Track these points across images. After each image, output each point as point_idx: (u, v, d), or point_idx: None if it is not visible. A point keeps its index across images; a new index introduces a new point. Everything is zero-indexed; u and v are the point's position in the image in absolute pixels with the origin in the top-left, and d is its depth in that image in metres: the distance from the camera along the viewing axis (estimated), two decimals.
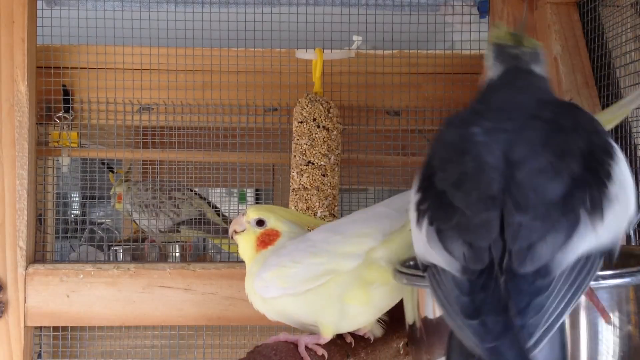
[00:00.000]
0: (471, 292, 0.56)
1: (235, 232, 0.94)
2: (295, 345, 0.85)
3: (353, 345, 0.91)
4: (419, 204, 0.65)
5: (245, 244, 0.94)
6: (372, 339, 0.94)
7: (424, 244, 0.62)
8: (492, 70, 0.75)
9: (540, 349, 0.53)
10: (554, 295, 0.55)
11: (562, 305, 0.55)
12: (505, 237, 0.57)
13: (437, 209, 0.62)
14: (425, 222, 0.63)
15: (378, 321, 0.92)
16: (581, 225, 0.57)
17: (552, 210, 0.58)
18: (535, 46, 0.75)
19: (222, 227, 1.62)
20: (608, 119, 0.84)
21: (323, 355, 0.85)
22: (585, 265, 0.57)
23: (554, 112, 0.66)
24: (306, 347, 0.84)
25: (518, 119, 0.66)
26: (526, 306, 0.54)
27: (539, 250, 0.56)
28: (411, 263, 0.79)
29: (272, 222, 0.92)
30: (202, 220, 1.61)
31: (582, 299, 0.62)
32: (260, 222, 0.92)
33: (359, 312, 0.85)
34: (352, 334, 0.92)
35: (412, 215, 0.66)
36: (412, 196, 0.68)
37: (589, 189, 0.59)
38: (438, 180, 0.64)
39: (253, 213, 0.93)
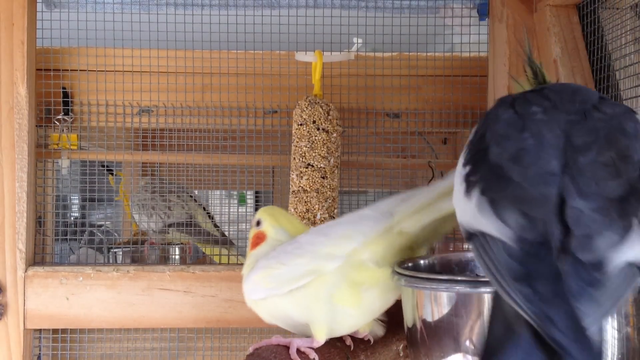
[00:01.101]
0: (523, 259, 0.55)
1: (252, 226, 0.97)
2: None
3: (352, 348, 0.91)
4: (469, 175, 0.64)
5: (249, 240, 0.97)
6: (372, 341, 0.94)
7: (472, 213, 0.61)
8: (530, 83, 0.74)
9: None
10: (607, 293, 0.54)
11: (609, 306, 0.54)
12: (566, 218, 0.56)
13: (490, 180, 0.61)
14: (476, 192, 0.62)
15: (380, 321, 0.92)
16: (633, 232, 0.56)
17: (612, 208, 0.57)
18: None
19: (211, 233, 1.62)
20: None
21: (315, 359, 0.84)
22: (631, 273, 0.56)
23: (615, 111, 0.65)
24: (298, 350, 0.84)
25: (580, 105, 0.64)
26: (580, 291, 0.53)
27: (598, 243, 0.55)
28: (409, 264, 0.79)
29: (265, 225, 0.94)
30: (191, 224, 1.62)
31: None
32: (258, 222, 0.95)
33: (351, 314, 0.85)
34: (351, 336, 0.92)
35: (460, 186, 0.65)
36: (459, 169, 0.67)
37: None
38: (493, 154, 0.63)
39: (258, 213, 0.96)
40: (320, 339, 0.84)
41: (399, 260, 0.81)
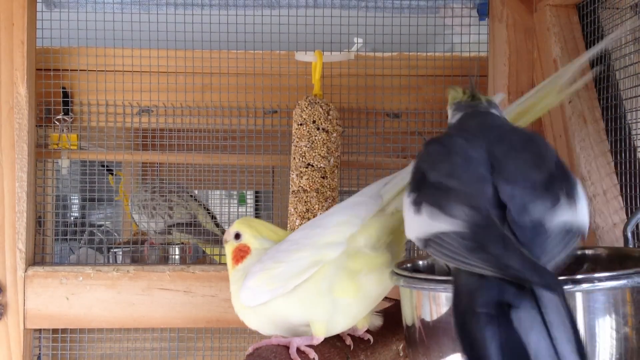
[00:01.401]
0: (474, 236, 0.63)
1: (226, 241, 0.95)
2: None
3: (352, 347, 0.91)
4: (415, 198, 0.72)
5: (227, 255, 0.95)
6: (371, 341, 0.94)
7: (425, 222, 0.68)
8: (453, 119, 0.83)
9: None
10: (552, 243, 0.63)
11: (556, 253, 0.63)
12: (502, 199, 0.65)
13: (434, 194, 0.69)
14: (425, 206, 0.69)
15: (376, 313, 0.92)
16: (561, 202, 0.66)
17: (538, 187, 0.66)
18: (489, 98, 0.85)
19: (213, 234, 1.62)
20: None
21: (314, 359, 0.83)
22: (569, 235, 0.65)
23: (526, 132, 0.77)
24: (298, 350, 0.83)
25: (495, 132, 0.75)
26: (528, 243, 0.62)
27: (533, 209, 0.64)
28: (408, 265, 0.79)
29: (246, 237, 0.92)
30: (194, 225, 1.62)
31: (579, 300, 0.62)
32: (237, 236, 0.93)
33: (351, 305, 0.84)
34: (351, 335, 0.92)
35: (409, 210, 0.72)
36: (405, 199, 0.74)
37: (564, 182, 0.68)
38: (430, 177, 0.71)
39: (235, 225, 0.94)
40: (320, 335, 0.84)
41: (398, 261, 0.81)
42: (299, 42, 1.40)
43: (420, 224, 0.69)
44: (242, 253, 0.92)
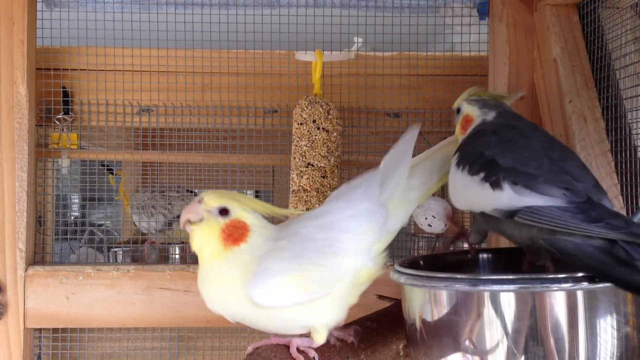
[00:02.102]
0: (584, 211, 0.74)
1: (190, 222, 0.81)
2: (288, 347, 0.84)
3: (356, 344, 0.91)
4: (487, 177, 0.82)
5: (204, 238, 0.81)
6: (356, 344, 0.92)
7: (510, 197, 0.78)
8: (483, 114, 0.96)
9: None
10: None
11: None
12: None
13: (514, 176, 0.80)
14: (506, 184, 0.79)
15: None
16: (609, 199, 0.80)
17: (599, 189, 0.80)
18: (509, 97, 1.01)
19: None
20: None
21: (314, 358, 0.83)
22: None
23: (562, 143, 0.91)
24: (297, 349, 0.83)
25: (541, 136, 0.89)
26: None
27: (606, 203, 0.78)
28: (408, 263, 0.79)
29: (237, 212, 0.80)
30: None
31: (580, 299, 0.62)
32: (223, 211, 0.80)
33: (344, 312, 0.85)
34: (340, 340, 0.91)
35: (480, 186, 0.82)
36: (466, 175, 0.85)
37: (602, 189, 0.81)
38: (503, 162, 0.82)
39: (213, 200, 0.80)
40: (321, 340, 0.83)
41: (400, 260, 0.81)
42: (299, 41, 1.40)
43: (501, 198, 0.79)
44: (240, 230, 0.80)
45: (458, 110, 1.03)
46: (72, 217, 2.12)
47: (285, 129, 1.43)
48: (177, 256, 1.74)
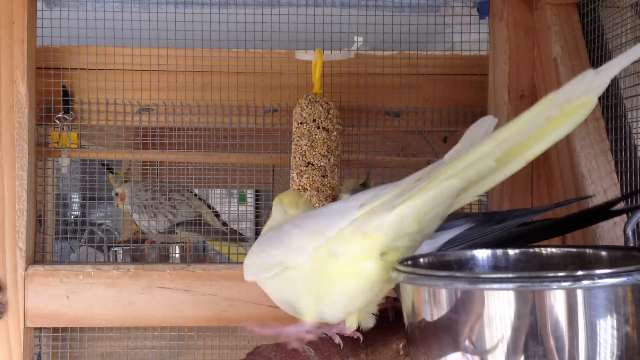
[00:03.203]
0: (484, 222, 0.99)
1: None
2: (297, 344, 0.85)
3: (342, 346, 0.90)
4: None
5: None
6: (361, 338, 0.92)
7: (429, 246, 0.96)
8: None
9: None
10: None
11: None
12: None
13: None
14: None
15: (375, 313, 0.91)
16: None
17: None
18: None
19: (220, 229, 1.62)
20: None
21: (339, 344, 0.87)
22: None
23: None
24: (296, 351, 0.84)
25: None
26: None
27: None
28: (409, 262, 0.79)
29: (273, 207, 0.98)
30: (199, 222, 1.62)
31: (580, 298, 0.62)
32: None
33: (329, 306, 0.84)
34: (340, 335, 0.91)
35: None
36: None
37: None
38: None
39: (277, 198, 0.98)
40: (308, 320, 0.84)
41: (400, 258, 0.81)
42: (299, 40, 1.40)
43: (423, 248, 0.89)
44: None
45: None
46: (72, 216, 2.12)
47: (285, 128, 1.43)
48: (177, 255, 1.74)
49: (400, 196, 0.77)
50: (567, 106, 0.71)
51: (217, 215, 1.69)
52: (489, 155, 0.75)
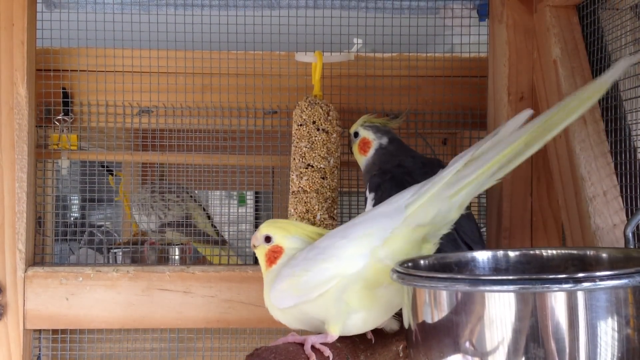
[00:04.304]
0: None
1: (254, 246, 0.99)
2: (298, 345, 0.86)
3: (331, 357, 0.90)
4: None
5: (260, 259, 0.98)
6: (373, 340, 0.95)
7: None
8: (378, 137, 1.24)
9: None
10: None
11: None
12: None
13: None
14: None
15: (396, 316, 0.94)
16: None
17: None
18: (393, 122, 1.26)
19: (211, 234, 1.62)
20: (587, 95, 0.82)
21: (328, 357, 0.86)
22: None
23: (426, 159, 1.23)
24: (313, 347, 0.86)
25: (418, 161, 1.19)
26: None
27: None
28: (409, 264, 0.79)
29: (277, 239, 0.96)
30: (188, 224, 1.62)
31: (581, 300, 0.62)
32: (267, 239, 0.96)
33: (365, 315, 0.87)
34: (338, 339, 0.92)
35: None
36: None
37: None
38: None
39: (263, 229, 0.97)
40: (334, 333, 0.87)
41: (402, 259, 0.81)
42: (299, 42, 1.40)
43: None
44: (275, 254, 0.95)
45: (356, 134, 1.26)
46: (72, 218, 2.12)
47: (285, 130, 1.43)
48: (176, 257, 1.74)
49: (451, 187, 0.83)
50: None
51: (209, 217, 1.69)
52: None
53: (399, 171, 1.16)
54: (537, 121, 0.79)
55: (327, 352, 0.86)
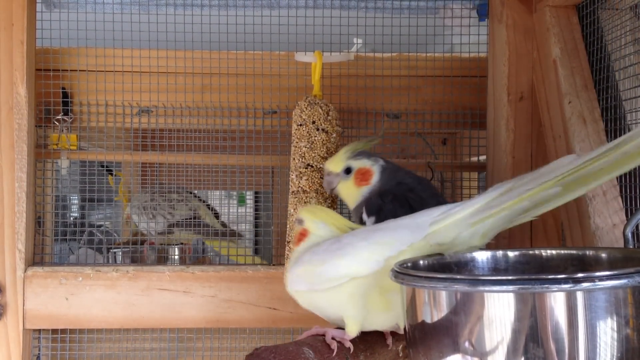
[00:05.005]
0: None
1: (292, 228, 1.06)
2: (297, 346, 0.86)
3: (352, 350, 0.92)
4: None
5: (293, 238, 1.04)
6: (352, 349, 0.96)
7: None
8: (375, 161, 1.16)
9: None
10: None
11: None
12: None
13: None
14: None
15: None
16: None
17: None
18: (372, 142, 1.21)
19: (219, 229, 1.62)
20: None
21: (349, 348, 0.91)
22: None
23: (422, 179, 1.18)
24: (333, 338, 0.91)
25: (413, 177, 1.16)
26: None
27: None
28: (409, 264, 0.79)
29: (306, 222, 1.00)
30: (195, 222, 1.62)
31: (580, 300, 0.62)
32: (300, 221, 1.01)
33: (380, 317, 0.91)
34: (337, 340, 0.94)
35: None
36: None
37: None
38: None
39: (300, 212, 1.02)
40: (351, 333, 0.91)
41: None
42: (299, 42, 1.40)
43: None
44: (301, 236, 1.00)
45: (348, 171, 1.15)
46: (72, 218, 2.12)
47: (284, 130, 1.43)
48: (176, 257, 1.74)
49: (476, 215, 0.85)
50: None
51: (217, 216, 1.69)
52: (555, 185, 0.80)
53: (400, 189, 1.13)
54: (577, 163, 0.79)
55: (348, 344, 0.91)
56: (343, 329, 0.92)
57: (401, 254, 0.86)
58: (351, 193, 1.16)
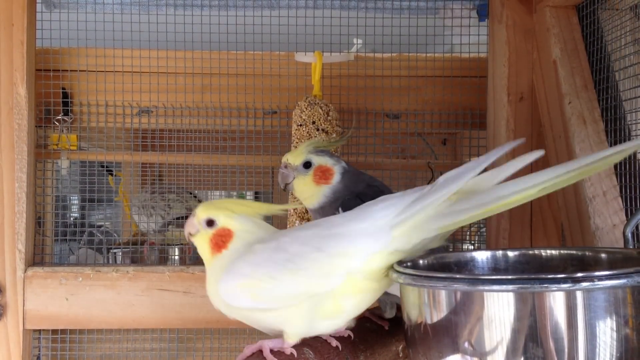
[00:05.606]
0: None
1: (190, 234, 0.87)
2: (296, 346, 0.83)
3: (340, 348, 0.89)
4: None
5: (200, 247, 0.87)
6: (352, 336, 0.91)
7: None
8: (337, 162, 1.06)
9: None
10: None
11: None
12: None
13: None
14: None
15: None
16: None
17: None
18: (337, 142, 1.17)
19: None
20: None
21: (292, 354, 0.81)
22: None
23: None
24: (271, 351, 0.81)
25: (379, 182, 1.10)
26: None
27: None
28: (408, 264, 0.79)
29: (222, 220, 0.84)
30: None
31: (579, 299, 0.62)
32: (210, 222, 0.85)
33: (326, 323, 0.82)
34: (334, 336, 0.90)
35: None
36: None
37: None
38: None
39: (202, 212, 0.86)
40: (291, 340, 0.82)
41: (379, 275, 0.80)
42: (299, 43, 1.40)
43: None
44: (223, 238, 0.84)
45: (307, 165, 1.05)
46: (72, 218, 2.12)
47: (284, 130, 1.43)
48: (176, 257, 1.74)
49: (445, 218, 0.76)
50: None
51: None
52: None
53: (372, 191, 1.03)
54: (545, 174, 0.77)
55: (288, 350, 0.81)
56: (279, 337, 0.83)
57: (365, 264, 0.78)
58: (307, 190, 1.05)
